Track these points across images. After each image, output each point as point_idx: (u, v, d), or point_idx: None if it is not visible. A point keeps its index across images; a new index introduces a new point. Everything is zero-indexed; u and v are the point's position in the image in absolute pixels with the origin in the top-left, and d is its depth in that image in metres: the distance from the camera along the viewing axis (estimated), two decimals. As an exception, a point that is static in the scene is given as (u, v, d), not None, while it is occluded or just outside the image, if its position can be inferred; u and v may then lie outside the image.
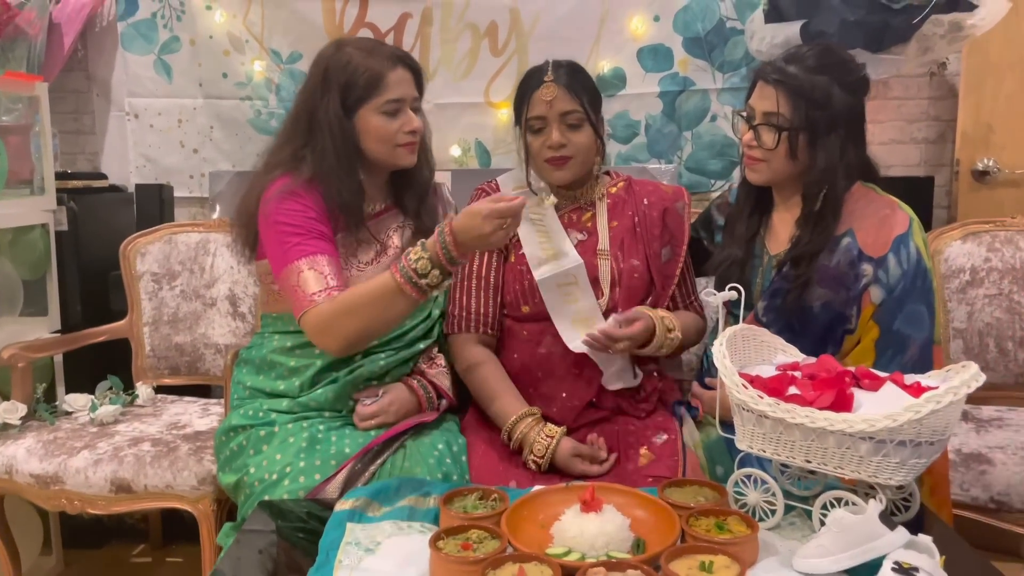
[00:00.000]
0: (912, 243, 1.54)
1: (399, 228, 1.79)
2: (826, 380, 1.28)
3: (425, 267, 1.50)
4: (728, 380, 1.28)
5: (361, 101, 1.65)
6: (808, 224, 1.57)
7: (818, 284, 1.57)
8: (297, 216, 1.63)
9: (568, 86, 1.71)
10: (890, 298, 1.54)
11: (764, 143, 1.56)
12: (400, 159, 1.70)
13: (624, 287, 1.74)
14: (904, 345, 1.54)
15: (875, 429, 1.15)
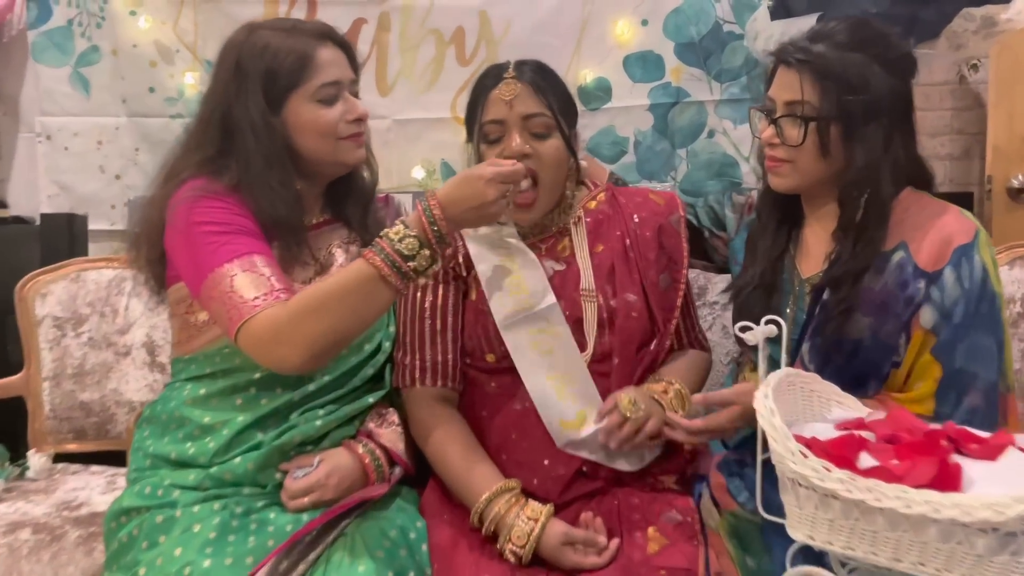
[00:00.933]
0: (977, 257, 1.24)
1: (343, 244, 1.47)
2: (915, 444, 0.94)
3: (412, 247, 1.21)
4: (781, 446, 0.93)
5: (288, 90, 1.35)
6: (848, 237, 1.28)
7: (863, 313, 1.25)
8: (219, 213, 1.30)
9: (533, 83, 1.40)
10: (947, 324, 1.23)
11: (788, 139, 1.29)
12: (346, 155, 1.41)
13: (619, 330, 1.41)
14: (965, 388, 1.23)
15: (1006, 518, 0.81)
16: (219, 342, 1.36)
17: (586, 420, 1.38)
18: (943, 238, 1.25)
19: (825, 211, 1.35)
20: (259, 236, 1.32)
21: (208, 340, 1.37)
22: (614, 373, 1.41)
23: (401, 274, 1.22)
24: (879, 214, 1.27)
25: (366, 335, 1.43)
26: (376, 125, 2.35)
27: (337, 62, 1.38)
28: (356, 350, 1.42)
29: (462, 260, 1.47)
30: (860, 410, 1.10)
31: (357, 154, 1.42)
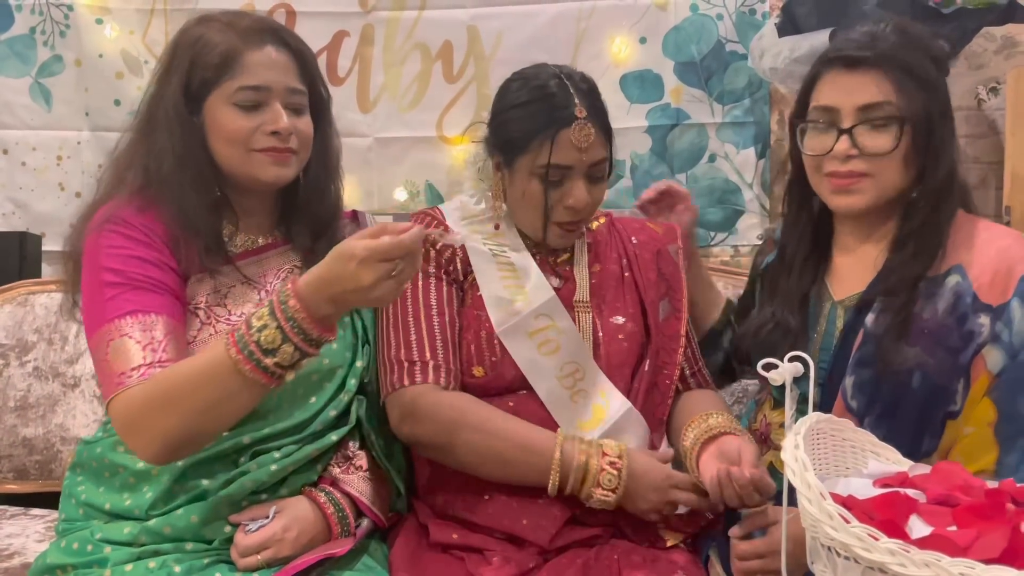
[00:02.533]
0: None
1: (293, 269, 1.32)
2: (976, 508, 0.80)
3: (272, 339, 1.02)
4: (816, 509, 0.79)
5: (208, 86, 1.21)
6: (905, 249, 1.18)
7: (911, 342, 1.13)
8: (116, 256, 1.16)
9: (602, 125, 1.32)
10: (1013, 364, 1.11)
11: (871, 148, 1.16)
12: (260, 170, 1.24)
13: (606, 350, 1.35)
14: None
15: (1102, 604, 0.66)
16: None
17: (604, 412, 1.30)
18: (1007, 265, 1.14)
19: (869, 233, 1.24)
20: (159, 285, 1.17)
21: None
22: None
23: (263, 369, 1.04)
24: (944, 223, 1.18)
25: (326, 373, 1.28)
26: (357, 144, 2.28)
27: (271, 66, 1.23)
28: (316, 388, 1.27)
29: (459, 265, 1.38)
30: (901, 463, 0.95)
31: (273, 171, 1.25)
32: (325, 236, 1.32)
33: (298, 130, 1.24)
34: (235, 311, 1.24)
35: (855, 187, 1.18)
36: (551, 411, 1.29)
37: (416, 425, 1.27)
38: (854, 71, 1.17)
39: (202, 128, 1.23)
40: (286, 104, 1.23)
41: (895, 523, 0.79)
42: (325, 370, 1.27)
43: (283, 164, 1.24)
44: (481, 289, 1.35)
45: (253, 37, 1.23)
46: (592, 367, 1.33)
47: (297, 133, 1.24)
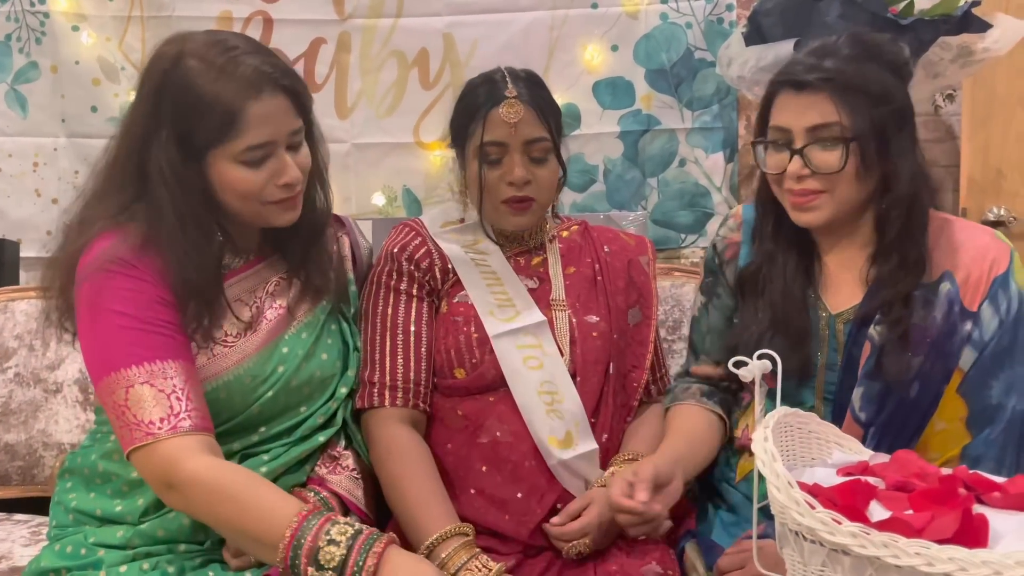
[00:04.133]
0: (1014, 285, 1.19)
1: (280, 282, 1.32)
2: (931, 493, 0.85)
3: (331, 559, 1.03)
4: (784, 496, 0.84)
5: (210, 144, 1.17)
6: (890, 258, 1.20)
7: (914, 352, 1.16)
8: (130, 297, 1.14)
9: (535, 106, 1.38)
10: (980, 359, 1.16)
11: (822, 166, 1.17)
12: (273, 218, 1.24)
13: (580, 349, 1.39)
14: (1003, 421, 1.16)
15: (1043, 578, 0.71)
16: None
17: (573, 441, 1.33)
18: (983, 269, 1.18)
19: (850, 240, 1.26)
20: (172, 327, 1.16)
21: None
22: (580, 392, 1.37)
23: (295, 569, 1.05)
24: (920, 229, 1.19)
25: (317, 384, 1.30)
26: (335, 149, 2.28)
27: (272, 117, 1.18)
28: (307, 399, 1.30)
29: (439, 273, 1.43)
30: (862, 453, 1.01)
31: (286, 217, 1.24)
32: (315, 248, 1.33)
33: (301, 167, 1.22)
34: (229, 331, 1.23)
35: (812, 204, 1.20)
36: (525, 417, 1.33)
37: (366, 442, 1.35)
38: (802, 93, 1.18)
39: (204, 177, 1.19)
40: (289, 146, 1.21)
41: (856, 508, 0.84)
42: (317, 381, 1.30)
43: (294, 208, 1.24)
44: (472, 298, 1.40)
45: (250, 90, 1.16)
46: (572, 395, 1.36)
47: (301, 170, 1.22)
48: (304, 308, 1.30)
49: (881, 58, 1.19)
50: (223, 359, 1.21)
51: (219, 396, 1.20)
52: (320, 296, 1.32)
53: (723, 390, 1.38)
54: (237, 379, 1.21)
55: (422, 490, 1.28)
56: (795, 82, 1.18)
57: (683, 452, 1.26)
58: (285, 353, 1.26)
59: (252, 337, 1.24)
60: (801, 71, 1.18)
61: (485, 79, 1.41)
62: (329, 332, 1.33)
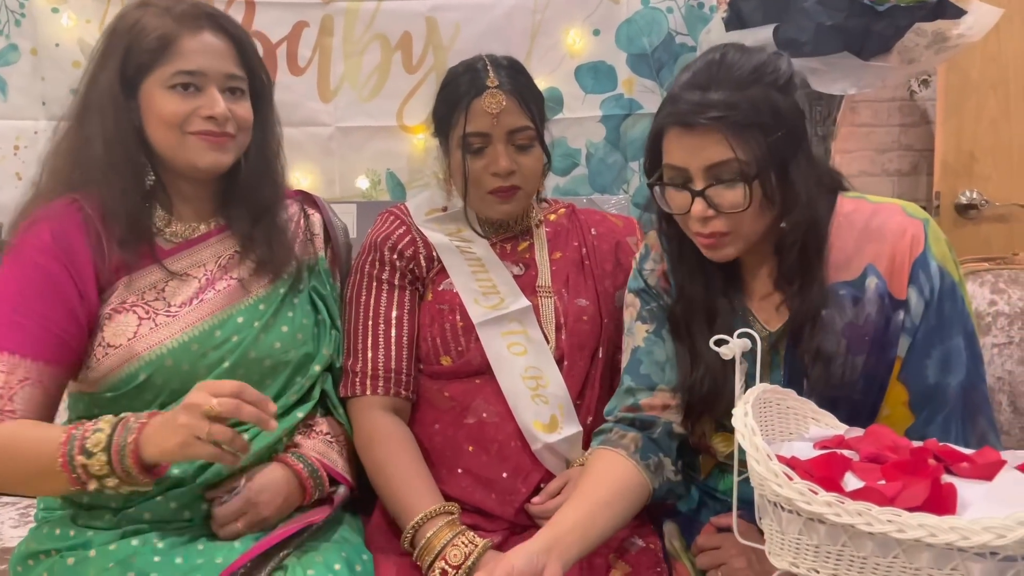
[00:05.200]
0: (932, 262, 1.14)
1: (234, 256, 1.32)
2: (903, 464, 0.88)
3: (98, 443, 1.07)
4: (763, 468, 0.87)
5: (144, 71, 1.20)
6: (795, 281, 1.16)
7: (854, 353, 1.16)
8: (18, 274, 1.18)
9: (518, 95, 1.38)
10: (914, 343, 1.15)
11: (725, 206, 1.10)
12: (194, 154, 1.23)
13: (570, 331, 1.41)
14: (946, 398, 1.15)
15: (1006, 541, 0.75)
16: (107, 381, 1.22)
17: (558, 425, 1.35)
18: (902, 256, 1.14)
19: (762, 259, 1.22)
20: (41, 319, 1.17)
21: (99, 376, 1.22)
22: (566, 377, 1.39)
23: (73, 469, 1.08)
24: (818, 243, 1.15)
25: (279, 359, 1.30)
26: (318, 133, 2.28)
27: (207, 52, 1.22)
28: (270, 373, 1.29)
29: (424, 262, 1.44)
30: (837, 427, 1.04)
31: (210, 156, 1.23)
32: (264, 220, 1.32)
33: (236, 115, 1.24)
34: (174, 303, 1.24)
35: (719, 244, 1.14)
36: (510, 402, 1.35)
37: (351, 429, 1.37)
38: (692, 131, 1.10)
39: (137, 112, 1.22)
40: (223, 89, 1.23)
41: (832, 479, 0.87)
42: (278, 355, 1.29)
43: (220, 149, 1.23)
44: (456, 286, 1.40)
45: (189, 22, 1.22)
46: (557, 380, 1.37)
47: (235, 118, 1.23)
48: (261, 283, 1.30)
49: (765, 79, 1.10)
50: (166, 328, 1.22)
51: (165, 364, 1.20)
52: (279, 272, 1.32)
53: (666, 435, 1.25)
54: (182, 346, 1.21)
55: (407, 473, 1.30)
56: (683, 123, 1.10)
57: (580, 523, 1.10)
58: (240, 323, 1.26)
59: (199, 307, 1.25)
60: (689, 111, 1.09)
61: (467, 68, 1.41)
62: (291, 306, 1.33)
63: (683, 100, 1.10)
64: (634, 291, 1.33)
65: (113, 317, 1.21)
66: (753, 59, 1.12)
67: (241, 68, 1.25)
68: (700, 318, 1.21)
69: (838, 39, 1.85)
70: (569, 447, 1.36)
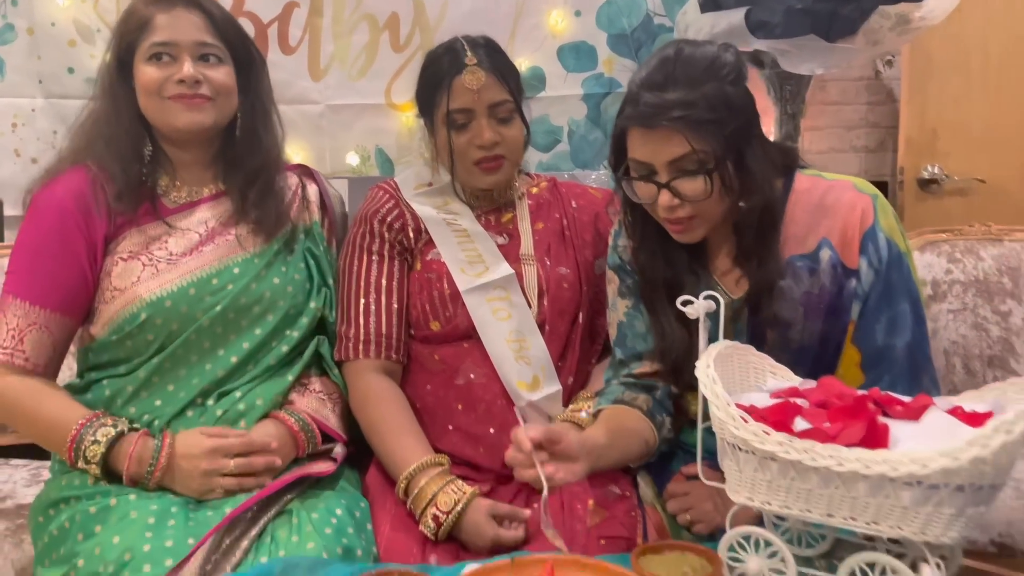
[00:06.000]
0: (880, 234, 1.23)
1: (232, 217, 1.43)
2: (844, 408, 0.99)
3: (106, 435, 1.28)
4: (722, 413, 0.97)
5: (131, 51, 1.37)
6: (752, 258, 1.26)
7: (810, 319, 1.26)
8: (34, 230, 1.35)
9: (496, 71, 1.45)
10: (865, 308, 1.25)
11: (689, 196, 1.20)
12: (171, 116, 1.36)
13: (552, 298, 1.49)
14: (893, 359, 1.26)
15: (929, 471, 0.86)
16: (112, 323, 1.35)
17: (540, 384, 1.44)
18: (856, 223, 1.24)
19: (724, 238, 1.31)
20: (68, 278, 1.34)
21: (100, 331, 1.36)
22: (548, 341, 1.47)
23: (76, 455, 1.27)
24: (773, 222, 1.25)
25: (268, 304, 1.41)
26: (309, 110, 2.35)
27: (177, 24, 1.35)
28: (259, 319, 1.40)
29: (412, 233, 1.51)
30: (792, 380, 1.15)
31: (185, 117, 1.35)
32: (258, 184, 1.43)
33: (211, 79, 1.35)
34: (176, 252, 1.37)
35: (687, 228, 1.23)
36: (496, 365, 1.44)
37: (346, 391, 1.46)
38: (653, 129, 1.17)
39: (132, 89, 1.37)
40: (196, 56, 1.35)
41: (784, 423, 0.98)
42: (267, 302, 1.39)
43: (196, 109, 1.35)
44: (443, 256, 1.49)
45: (164, 3, 1.36)
46: (538, 342, 1.46)
47: (209, 81, 1.35)
48: (257, 240, 1.41)
49: (718, 75, 1.18)
50: (167, 274, 1.34)
51: (164, 305, 1.32)
52: (273, 232, 1.43)
53: (666, 396, 1.37)
54: (181, 291, 1.33)
55: (400, 429, 1.40)
56: (644, 123, 1.18)
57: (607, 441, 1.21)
58: (236, 274, 1.37)
59: (198, 257, 1.36)
60: (649, 113, 1.17)
61: (446, 49, 1.48)
62: (284, 262, 1.44)
63: (643, 102, 1.17)
64: (613, 268, 1.43)
65: (119, 264, 1.34)
66: (705, 55, 1.19)
67: (215, 37, 1.37)
68: (668, 292, 1.29)
69: (806, 22, 1.94)
70: (550, 404, 1.46)
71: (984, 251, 2.01)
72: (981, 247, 2.01)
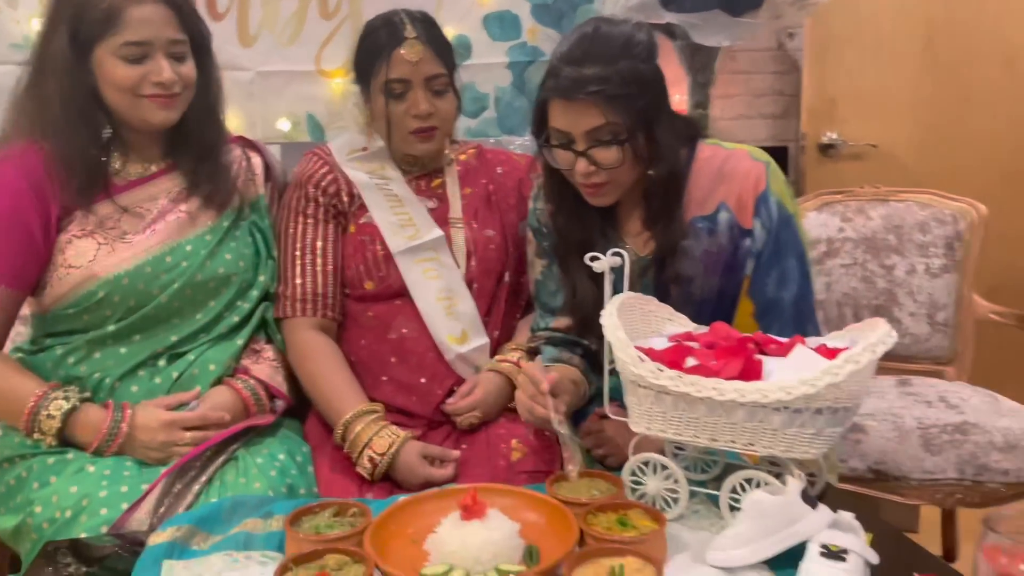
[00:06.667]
0: (772, 198, 1.37)
1: (182, 192, 1.48)
2: (728, 348, 1.14)
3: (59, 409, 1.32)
4: (623, 353, 1.11)
5: (94, 39, 1.34)
6: (660, 220, 1.38)
7: (709, 275, 1.40)
8: None
9: (433, 45, 1.54)
10: (758, 265, 1.39)
11: (604, 163, 1.30)
12: (147, 113, 1.39)
13: (479, 258, 1.60)
14: (782, 309, 1.41)
15: (792, 397, 1.02)
16: (68, 298, 1.39)
17: (468, 338, 1.56)
18: (747, 192, 1.37)
19: (634, 203, 1.42)
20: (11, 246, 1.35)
21: (56, 297, 1.40)
22: (476, 298, 1.58)
23: (30, 426, 1.33)
24: (678, 189, 1.37)
25: (221, 280, 1.47)
26: (239, 77, 2.35)
27: (152, 21, 1.35)
28: (214, 293, 1.47)
29: (345, 197, 1.59)
30: (688, 326, 1.30)
31: (161, 115, 1.39)
32: (209, 160, 1.48)
33: (181, 75, 1.39)
34: (129, 231, 1.41)
35: (600, 193, 1.35)
36: (426, 320, 1.54)
37: (285, 346, 1.54)
38: (572, 101, 1.27)
39: (91, 74, 1.36)
40: (168, 54, 1.37)
41: (676, 362, 1.12)
42: (221, 278, 1.47)
43: (170, 107, 1.39)
44: (376, 219, 1.57)
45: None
46: (466, 299, 1.57)
47: (181, 78, 1.38)
48: (207, 215, 1.47)
49: (631, 52, 1.28)
50: (122, 252, 1.39)
51: (122, 283, 1.38)
52: (223, 206, 1.49)
53: (590, 352, 1.47)
54: (137, 269, 1.39)
55: (336, 380, 1.50)
56: (565, 95, 1.28)
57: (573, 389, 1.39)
58: (189, 251, 1.43)
59: (151, 236, 1.42)
60: (568, 86, 1.27)
61: (385, 21, 1.55)
62: (233, 237, 1.50)
63: (563, 75, 1.27)
64: (532, 229, 1.55)
65: (73, 242, 1.38)
66: (621, 34, 1.30)
67: (183, 32, 1.39)
68: (582, 252, 1.35)
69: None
70: (478, 356, 1.58)
71: (873, 211, 2.21)
72: (871, 207, 2.21)
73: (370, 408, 1.46)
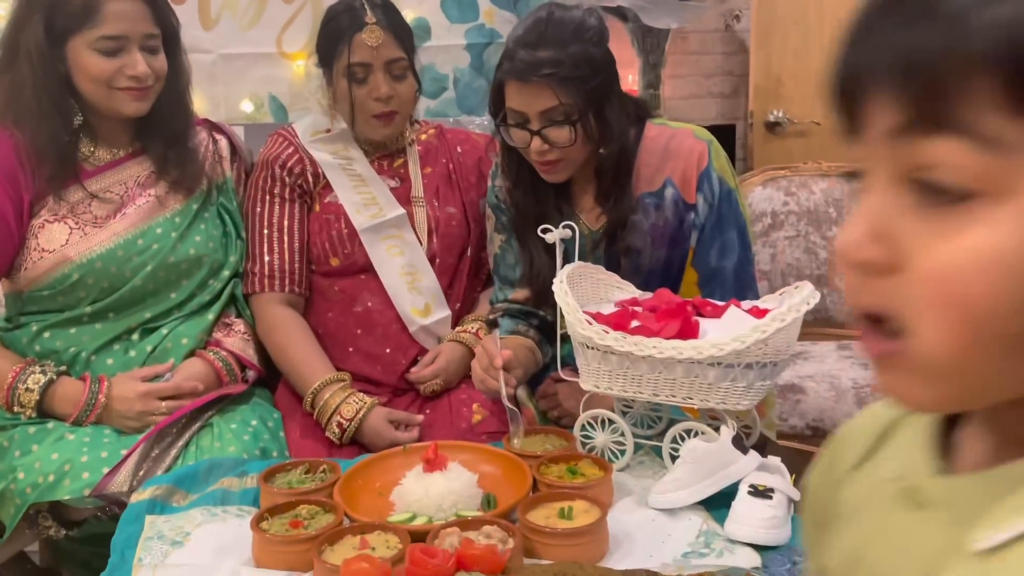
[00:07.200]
0: (714, 174, 1.44)
1: (151, 176, 1.53)
2: (668, 311, 1.24)
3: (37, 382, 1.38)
4: (572, 316, 1.21)
5: (69, 31, 1.38)
6: (610, 197, 1.44)
7: (656, 247, 1.48)
8: None
9: (393, 30, 1.58)
10: (701, 237, 1.48)
11: (557, 142, 1.36)
12: (121, 105, 1.44)
13: (441, 235, 1.66)
14: (724, 278, 1.50)
15: (724, 353, 1.12)
16: (42, 281, 1.44)
17: (431, 311, 1.63)
18: (693, 164, 1.45)
19: (587, 180, 1.49)
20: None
21: (32, 277, 1.44)
22: (438, 273, 1.66)
23: (9, 401, 1.38)
24: (627, 165, 1.43)
25: (193, 261, 1.53)
26: (201, 59, 2.38)
27: (127, 16, 1.38)
28: (186, 274, 1.52)
29: (311, 177, 1.65)
30: (635, 292, 1.39)
31: (134, 106, 1.43)
32: (177, 145, 1.53)
33: (154, 69, 1.43)
34: (100, 215, 1.46)
35: (554, 170, 1.41)
36: (390, 294, 1.60)
37: (255, 322, 1.61)
38: (527, 83, 1.33)
39: (64, 63, 1.40)
40: (143, 47, 1.41)
41: (622, 324, 1.22)
42: (193, 259, 1.53)
43: (142, 100, 1.44)
44: (341, 198, 1.62)
45: None
46: (429, 273, 1.63)
47: (153, 71, 1.43)
48: (176, 199, 1.52)
49: (583, 36, 1.34)
50: (95, 236, 1.44)
51: (95, 266, 1.43)
52: (191, 190, 1.54)
53: (546, 324, 1.51)
54: (110, 252, 1.44)
55: (304, 352, 1.57)
56: (519, 77, 1.34)
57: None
58: (159, 234, 1.49)
59: (122, 220, 1.47)
60: (523, 69, 1.33)
61: (346, 7, 1.60)
62: (203, 219, 1.56)
63: (518, 58, 1.34)
64: (491, 205, 1.63)
65: (46, 227, 1.43)
66: (573, 19, 1.36)
67: (156, 25, 1.44)
68: (537, 226, 1.42)
69: (662, -20, 2.16)
70: (440, 327, 1.66)
71: (815, 185, 2.32)
72: (813, 182, 2.32)
73: (337, 377, 1.54)
